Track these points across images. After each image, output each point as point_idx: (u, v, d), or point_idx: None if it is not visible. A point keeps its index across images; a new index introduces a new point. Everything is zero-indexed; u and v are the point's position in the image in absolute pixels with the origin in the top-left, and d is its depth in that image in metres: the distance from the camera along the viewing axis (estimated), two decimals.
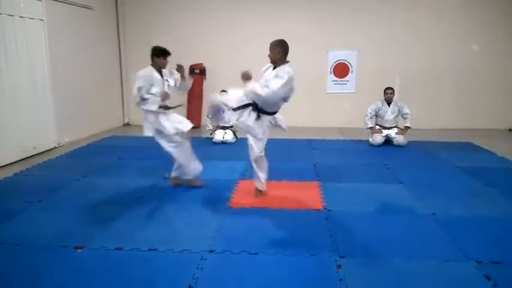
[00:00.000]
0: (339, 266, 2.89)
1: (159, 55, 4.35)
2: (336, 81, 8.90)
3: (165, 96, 4.36)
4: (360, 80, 8.78)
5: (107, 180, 4.86)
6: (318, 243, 3.26)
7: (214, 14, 8.78)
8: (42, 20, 6.30)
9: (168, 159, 5.10)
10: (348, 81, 8.88)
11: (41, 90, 6.32)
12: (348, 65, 8.83)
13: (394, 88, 7.07)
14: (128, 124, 9.24)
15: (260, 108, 4.11)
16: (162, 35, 8.83)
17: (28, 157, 5.97)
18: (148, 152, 6.23)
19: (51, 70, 6.51)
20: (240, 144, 7.05)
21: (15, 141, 5.73)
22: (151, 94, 4.31)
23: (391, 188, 4.71)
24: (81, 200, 4.23)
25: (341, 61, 8.83)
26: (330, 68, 8.86)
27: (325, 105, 8.93)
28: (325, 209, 4.00)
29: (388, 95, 6.93)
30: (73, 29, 7.22)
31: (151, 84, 4.33)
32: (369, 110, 7.01)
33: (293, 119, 8.87)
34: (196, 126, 8.81)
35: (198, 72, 8.62)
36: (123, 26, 8.91)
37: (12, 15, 5.66)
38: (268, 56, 4.20)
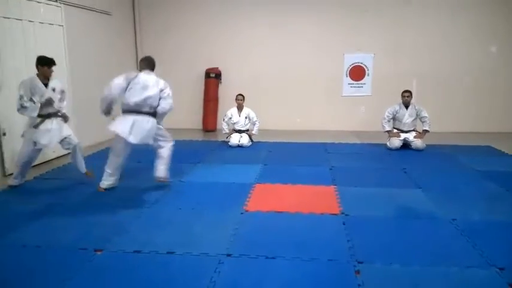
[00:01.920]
0: (357, 272, 2.85)
1: (42, 64, 4.59)
2: (352, 84, 8.84)
3: (48, 102, 4.62)
4: (377, 83, 8.70)
5: (125, 184, 4.90)
6: (335, 248, 3.23)
7: (230, 18, 8.82)
8: (62, 25, 6.42)
9: (182, 164, 5.15)
10: (364, 84, 8.80)
11: None
12: (364, 67, 8.76)
13: (411, 91, 6.99)
14: None
15: None
16: (178, 40, 8.94)
17: (47, 161, 6.07)
18: None
19: (70, 75, 6.62)
20: (256, 148, 7.06)
21: None
22: (32, 101, 4.52)
23: (409, 192, 4.65)
24: (100, 203, 4.29)
25: (357, 64, 8.77)
26: (346, 71, 8.80)
27: (341, 108, 8.88)
28: (342, 213, 3.97)
29: (406, 98, 6.85)
30: (92, 34, 7.33)
31: (33, 93, 4.54)
32: (386, 113, 6.94)
33: (309, 122, 8.93)
34: (212, 130, 8.87)
35: (213, 76, 8.68)
36: (140, 30, 9.03)
37: (33, 21, 5.77)
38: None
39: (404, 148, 6.84)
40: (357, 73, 8.81)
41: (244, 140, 7.19)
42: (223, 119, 7.45)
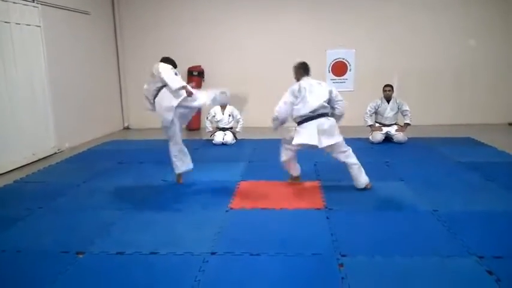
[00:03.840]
0: (341, 265, 2.88)
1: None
2: (335, 79, 8.89)
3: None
4: (359, 78, 8.78)
5: (108, 185, 4.85)
6: (319, 242, 3.25)
7: (212, 16, 8.78)
8: (39, 26, 6.30)
9: (166, 163, 5.12)
10: (346, 79, 8.87)
11: (40, 96, 6.33)
12: (346, 63, 8.82)
13: (392, 85, 7.07)
14: (127, 128, 9.25)
15: None
16: (159, 38, 8.86)
17: (28, 164, 5.97)
18: (149, 156, 6.25)
19: (49, 76, 6.52)
20: (240, 146, 7.06)
21: (15, 148, 5.73)
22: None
23: (391, 185, 4.71)
24: (82, 205, 4.24)
25: (339, 60, 8.83)
26: (329, 67, 8.85)
27: None
28: (326, 208, 4.00)
29: (387, 92, 6.92)
30: (70, 34, 7.22)
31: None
32: (368, 108, 7.01)
33: None
34: (196, 128, 8.83)
35: (196, 74, 8.63)
36: (120, 29, 8.92)
37: (9, 22, 5.66)
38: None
39: (386, 142, 6.92)
40: (339, 69, 8.87)
41: (228, 137, 7.18)
42: (207, 117, 7.43)
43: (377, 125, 7.04)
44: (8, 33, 5.65)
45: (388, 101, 6.96)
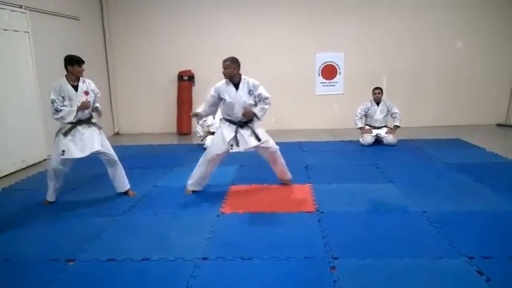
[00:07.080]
0: (333, 268, 2.89)
1: (71, 63, 4.23)
2: (324, 83, 8.94)
3: (84, 107, 4.28)
4: (348, 81, 8.83)
5: (98, 191, 4.82)
6: (311, 245, 3.26)
7: (201, 20, 8.78)
8: (27, 32, 6.25)
9: (157, 168, 5.09)
10: (336, 82, 8.92)
11: (29, 102, 6.26)
12: (336, 66, 8.88)
13: (382, 88, 7.13)
14: (118, 133, 9.20)
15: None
16: (149, 43, 8.85)
17: (18, 171, 5.91)
18: (139, 161, 6.22)
19: (38, 82, 6.45)
20: None
21: (4, 155, 5.66)
22: (64, 106, 4.27)
23: (382, 187, 4.74)
24: (72, 212, 4.19)
25: (329, 63, 8.88)
26: (318, 70, 8.90)
27: (315, 107, 8.96)
28: (317, 210, 4.01)
29: (377, 95, 6.98)
30: (59, 40, 7.16)
31: (63, 97, 4.29)
32: (358, 111, 7.06)
33: (283, 122, 8.98)
34: (187, 133, 8.81)
35: (186, 79, 8.63)
36: (110, 35, 8.88)
37: None
38: (224, 73, 4.50)
39: (376, 144, 6.96)
40: (329, 72, 8.91)
41: None
42: (198, 122, 7.40)
43: (367, 127, 7.09)
44: None
45: (378, 104, 7.02)
